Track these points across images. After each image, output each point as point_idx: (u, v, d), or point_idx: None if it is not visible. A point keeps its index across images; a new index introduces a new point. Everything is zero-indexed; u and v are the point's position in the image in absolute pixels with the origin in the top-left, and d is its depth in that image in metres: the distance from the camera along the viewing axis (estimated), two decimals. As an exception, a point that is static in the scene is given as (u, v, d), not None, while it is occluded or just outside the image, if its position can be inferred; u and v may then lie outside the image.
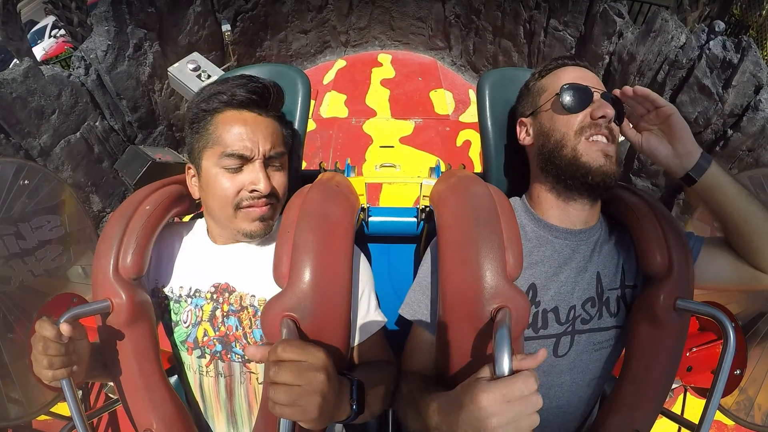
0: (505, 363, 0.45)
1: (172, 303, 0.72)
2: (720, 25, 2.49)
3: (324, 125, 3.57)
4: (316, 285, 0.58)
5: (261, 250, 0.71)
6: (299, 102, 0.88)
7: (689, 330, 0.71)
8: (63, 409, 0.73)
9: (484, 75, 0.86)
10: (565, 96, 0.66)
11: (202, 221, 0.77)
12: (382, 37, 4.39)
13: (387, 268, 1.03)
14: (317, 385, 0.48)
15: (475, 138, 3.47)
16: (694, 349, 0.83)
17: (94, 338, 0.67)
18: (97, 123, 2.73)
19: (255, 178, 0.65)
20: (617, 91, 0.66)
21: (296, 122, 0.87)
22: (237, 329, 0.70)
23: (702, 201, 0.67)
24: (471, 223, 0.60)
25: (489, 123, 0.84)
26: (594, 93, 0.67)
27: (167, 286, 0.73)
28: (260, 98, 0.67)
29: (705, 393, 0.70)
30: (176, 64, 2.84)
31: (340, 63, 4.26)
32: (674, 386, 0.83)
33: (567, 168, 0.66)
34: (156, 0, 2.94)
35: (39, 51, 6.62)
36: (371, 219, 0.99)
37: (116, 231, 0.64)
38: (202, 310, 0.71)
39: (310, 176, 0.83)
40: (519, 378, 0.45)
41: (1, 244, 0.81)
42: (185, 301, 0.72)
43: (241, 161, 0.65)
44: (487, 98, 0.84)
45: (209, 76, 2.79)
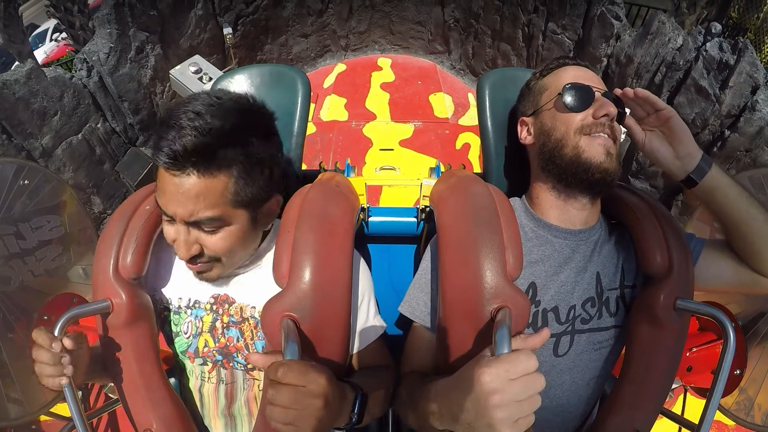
0: (505, 350, 0.46)
1: (172, 314, 0.72)
2: (717, 27, 2.51)
3: (324, 128, 3.58)
4: (316, 285, 0.58)
5: (260, 261, 0.70)
6: (299, 102, 0.88)
7: (689, 330, 0.71)
8: (63, 409, 0.72)
9: (485, 75, 0.87)
10: (567, 95, 0.66)
11: None
12: (382, 41, 4.41)
13: (387, 269, 1.03)
14: (314, 411, 0.49)
15: (475, 141, 3.48)
16: (694, 349, 0.83)
17: (95, 338, 0.67)
18: (99, 125, 2.74)
19: (177, 243, 0.58)
20: (618, 91, 0.66)
21: (296, 123, 0.88)
22: (238, 341, 0.70)
23: (703, 203, 0.66)
24: (471, 223, 0.60)
25: (489, 123, 0.85)
26: (595, 92, 0.67)
27: (166, 297, 0.72)
28: (182, 158, 0.52)
29: (705, 393, 0.70)
30: (178, 67, 2.86)
31: (340, 67, 4.27)
32: (674, 386, 0.83)
33: (568, 166, 0.66)
34: (158, 3, 2.96)
35: (40, 54, 6.66)
36: (371, 219, 0.99)
37: (116, 231, 0.64)
38: (202, 321, 0.70)
39: (310, 176, 0.84)
40: (521, 354, 0.44)
41: (1, 244, 0.81)
42: (185, 312, 0.71)
43: (169, 218, 0.58)
44: (487, 98, 0.85)
45: (210, 79, 2.81)
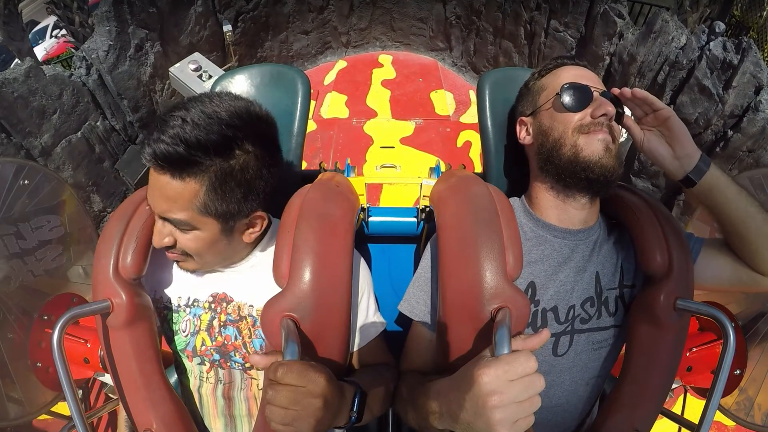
0: (505, 350, 0.46)
1: (171, 313, 0.72)
2: (720, 26, 2.50)
3: (325, 126, 3.57)
4: (316, 285, 0.58)
5: (259, 261, 0.71)
6: (299, 102, 0.88)
7: (689, 330, 0.71)
8: (63, 409, 0.73)
9: (485, 75, 0.86)
10: (565, 95, 0.66)
11: None
12: (383, 38, 4.39)
13: (387, 268, 1.03)
14: (313, 411, 0.49)
15: (476, 139, 3.47)
16: (694, 349, 0.83)
17: (95, 338, 0.67)
18: (99, 123, 2.73)
19: (154, 230, 0.63)
20: (616, 91, 0.66)
21: (296, 122, 0.87)
22: (236, 339, 0.70)
23: (701, 203, 0.67)
24: (471, 223, 0.60)
25: (489, 123, 0.84)
26: (594, 92, 0.67)
27: (166, 296, 0.73)
28: (157, 161, 0.55)
29: (705, 393, 0.70)
30: (177, 65, 2.85)
31: (341, 64, 4.26)
32: (674, 386, 0.83)
33: (567, 166, 0.66)
34: (157, 0, 2.95)
35: (40, 51, 6.63)
36: (371, 219, 0.99)
37: (116, 231, 0.64)
38: (200, 320, 0.71)
39: (310, 176, 0.84)
40: (521, 355, 0.44)
41: (1, 244, 0.81)
42: (184, 311, 0.72)
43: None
44: (488, 98, 0.84)
45: (210, 77, 2.80)
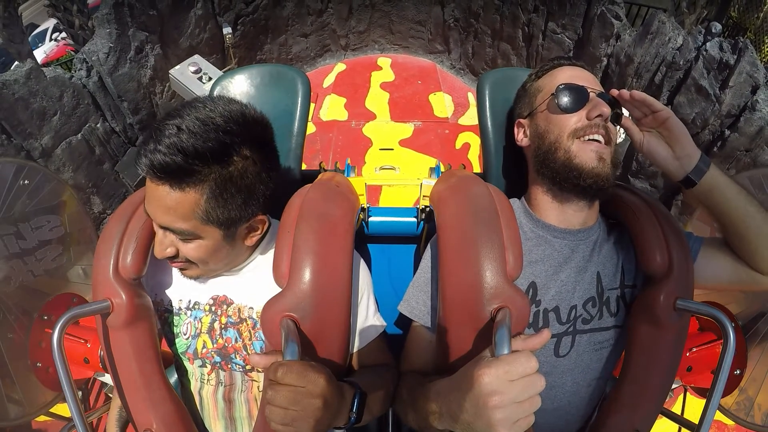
0: (505, 351, 0.46)
1: (172, 316, 0.72)
2: (717, 27, 2.51)
3: (324, 128, 3.58)
4: (316, 285, 0.58)
5: (258, 263, 0.71)
6: (299, 102, 0.88)
7: (689, 330, 0.71)
8: (63, 409, 0.72)
9: (484, 75, 0.87)
10: (561, 96, 0.66)
11: None
12: (382, 41, 4.41)
13: (387, 268, 1.03)
14: (313, 411, 0.49)
15: (475, 141, 3.48)
16: (694, 349, 0.83)
17: (95, 338, 0.67)
18: (99, 125, 2.74)
19: (155, 241, 0.62)
20: (614, 92, 0.65)
21: (296, 122, 0.88)
22: (236, 341, 0.70)
23: (701, 203, 0.67)
24: (471, 223, 0.60)
25: (489, 123, 0.85)
26: (590, 92, 0.66)
27: (166, 299, 0.73)
28: (153, 172, 0.55)
29: (705, 393, 0.70)
30: (177, 67, 2.86)
31: (340, 66, 4.27)
32: (674, 386, 0.83)
33: (560, 170, 0.66)
34: (157, 3, 2.95)
35: (40, 54, 6.64)
36: (371, 219, 0.99)
37: (116, 231, 0.64)
38: (201, 322, 0.71)
39: (310, 176, 0.84)
40: (521, 356, 0.44)
41: (1, 244, 0.81)
42: (184, 314, 0.72)
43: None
44: (487, 98, 0.85)
45: (210, 78, 2.81)
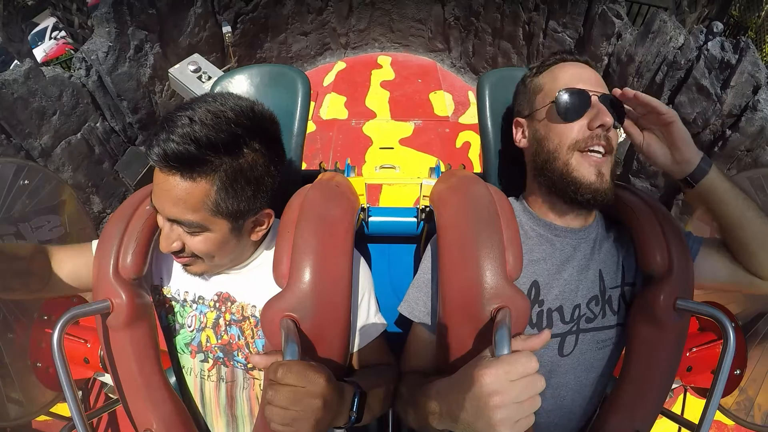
0: (505, 351, 0.46)
1: (177, 305, 0.72)
2: (718, 26, 2.50)
3: (324, 127, 3.58)
4: (317, 285, 0.58)
5: (261, 261, 0.71)
6: (299, 102, 0.88)
7: (689, 330, 0.71)
8: (63, 409, 0.73)
9: (484, 75, 0.86)
10: (561, 103, 0.63)
11: None
12: (382, 39, 4.40)
13: (387, 268, 1.03)
14: (312, 412, 0.49)
15: (475, 139, 3.48)
16: (694, 349, 0.83)
17: (95, 338, 0.67)
18: (98, 124, 2.74)
19: (161, 236, 0.61)
20: (617, 92, 0.62)
21: (296, 122, 0.87)
22: (239, 339, 0.70)
23: (700, 203, 0.66)
24: (471, 223, 0.60)
25: (489, 123, 0.85)
26: (592, 96, 0.64)
27: (172, 288, 0.73)
28: (164, 161, 0.54)
29: (705, 393, 0.70)
30: (177, 66, 2.85)
31: (340, 65, 4.27)
32: (674, 386, 0.83)
33: (557, 181, 0.65)
34: (157, 2, 2.95)
35: (40, 52, 6.63)
36: (371, 219, 0.99)
37: (116, 231, 0.64)
38: (206, 317, 0.71)
39: (310, 176, 0.84)
40: (521, 356, 0.44)
41: (1, 244, 0.81)
42: (190, 306, 0.72)
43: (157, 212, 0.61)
44: (487, 98, 0.85)
45: (210, 78, 2.80)
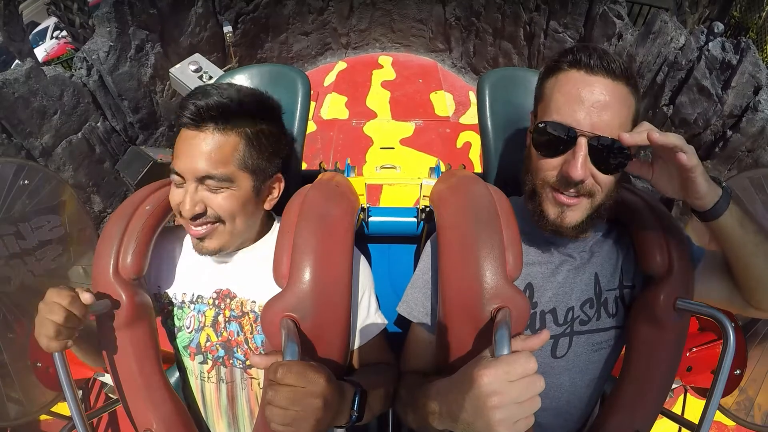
0: (505, 351, 0.46)
1: (175, 309, 0.73)
2: (719, 27, 2.50)
3: (324, 127, 3.58)
4: (317, 285, 0.58)
5: (260, 257, 0.71)
6: (299, 102, 0.88)
7: (689, 330, 0.71)
8: (63, 409, 0.73)
9: (485, 75, 0.86)
10: (538, 135, 0.58)
11: None
12: (383, 39, 4.40)
13: (387, 268, 1.03)
14: (313, 412, 0.49)
15: (476, 140, 3.48)
16: (694, 349, 0.83)
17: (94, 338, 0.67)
18: (99, 123, 2.74)
19: (183, 200, 0.63)
20: (626, 138, 0.52)
21: (296, 122, 0.88)
22: (238, 335, 0.70)
23: (709, 232, 0.60)
24: (471, 223, 0.60)
25: (489, 123, 0.85)
26: (579, 138, 0.55)
27: (170, 292, 0.73)
28: (201, 114, 0.61)
29: (705, 393, 0.70)
30: (178, 65, 2.85)
31: (341, 65, 4.27)
32: (674, 386, 0.83)
33: (531, 209, 0.64)
34: (158, 1, 2.95)
35: (41, 52, 6.63)
36: (371, 219, 0.99)
37: (116, 231, 0.65)
38: (205, 316, 0.71)
39: (310, 176, 0.84)
40: (521, 356, 0.44)
41: (1, 244, 0.81)
42: (188, 307, 0.72)
43: (179, 178, 0.64)
44: (488, 98, 0.85)
45: (210, 77, 2.80)
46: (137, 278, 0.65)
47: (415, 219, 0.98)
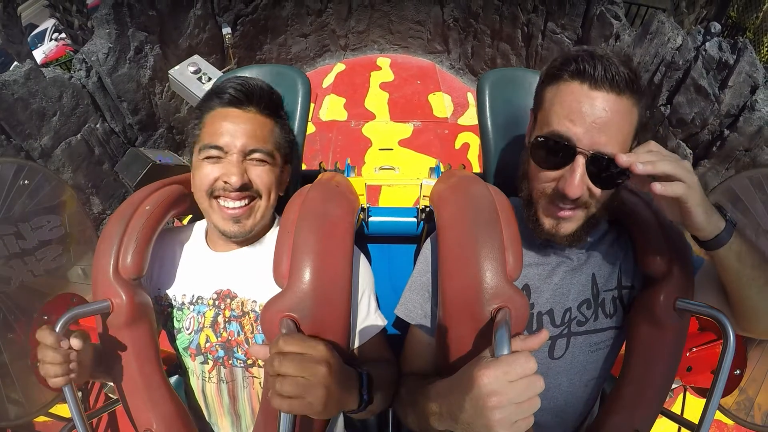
0: (505, 351, 0.46)
1: (175, 311, 0.73)
2: (716, 27, 2.51)
3: (323, 128, 3.58)
4: (316, 285, 0.58)
5: (261, 256, 0.71)
6: (299, 102, 0.88)
7: (689, 330, 0.71)
8: (63, 410, 0.72)
9: (484, 75, 0.87)
10: (536, 149, 0.58)
11: (201, 225, 0.78)
12: (381, 41, 4.41)
13: (387, 268, 1.03)
14: (321, 378, 0.49)
15: (474, 141, 3.49)
16: (694, 349, 0.83)
17: (95, 338, 0.67)
18: (98, 125, 2.73)
19: (228, 170, 0.66)
20: (623, 160, 0.50)
21: (296, 122, 0.88)
22: (239, 335, 0.70)
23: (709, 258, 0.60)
24: (471, 224, 0.60)
25: (489, 123, 0.85)
26: (579, 156, 0.54)
27: (170, 294, 0.73)
28: (247, 96, 0.68)
29: (705, 393, 0.70)
30: (177, 67, 2.85)
31: (340, 66, 4.27)
32: (674, 386, 0.83)
33: (527, 216, 0.64)
34: (157, 3, 2.95)
35: (39, 54, 6.63)
36: (371, 219, 0.99)
37: (116, 231, 0.65)
38: (204, 317, 0.71)
39: (310, 176, 0.84)
40: (520, 356, 0.44)
41: (1, 244, 0.81)
42: (188, 309, 0.72)
43: (219, 152, 0.66)
44: (487, 98, 0.85)
45: (210, 79, 2.81)
46: (137, 278, 0.65)
47: (415, 219, 0.98)
